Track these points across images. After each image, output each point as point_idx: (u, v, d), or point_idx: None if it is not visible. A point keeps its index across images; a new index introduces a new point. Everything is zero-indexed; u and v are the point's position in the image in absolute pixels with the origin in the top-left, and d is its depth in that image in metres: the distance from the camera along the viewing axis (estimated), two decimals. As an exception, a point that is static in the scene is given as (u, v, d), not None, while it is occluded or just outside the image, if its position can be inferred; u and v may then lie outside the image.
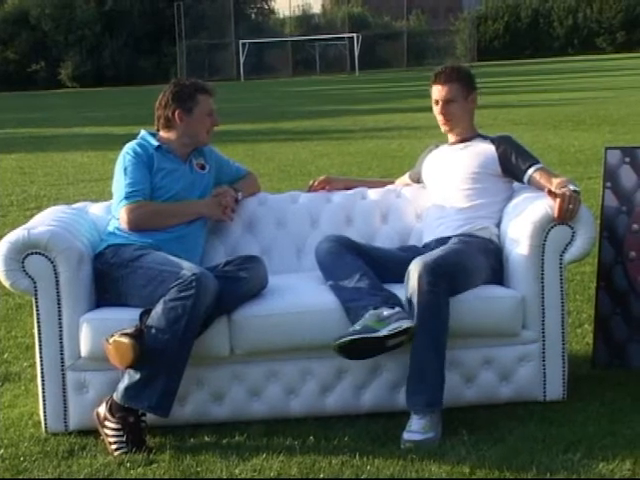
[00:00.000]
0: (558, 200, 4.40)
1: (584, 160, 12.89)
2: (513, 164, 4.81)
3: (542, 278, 4.47)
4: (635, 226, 4.97)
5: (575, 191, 4.45)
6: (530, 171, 4.76)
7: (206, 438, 4.28)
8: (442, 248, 4.54)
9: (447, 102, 4.88)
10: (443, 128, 4.98)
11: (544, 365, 4.51)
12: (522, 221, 4.53)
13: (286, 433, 4.28)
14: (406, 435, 4.12)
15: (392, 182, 5.43)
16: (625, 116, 19.22)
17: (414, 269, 4.27)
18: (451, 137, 5.02)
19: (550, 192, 4.47)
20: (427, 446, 4.04)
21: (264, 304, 4.41)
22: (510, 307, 4.43)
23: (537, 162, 4.80)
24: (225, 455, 4.08)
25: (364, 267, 4.48)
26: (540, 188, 4.69)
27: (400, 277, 4.50)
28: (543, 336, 4.49)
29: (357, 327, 4.17)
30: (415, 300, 4.22)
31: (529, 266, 4.48)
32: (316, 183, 5.33)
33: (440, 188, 4.94)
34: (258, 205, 5.16)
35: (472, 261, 4.50)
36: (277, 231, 5.12)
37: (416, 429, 4.12)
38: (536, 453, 3.95)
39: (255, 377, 4.41)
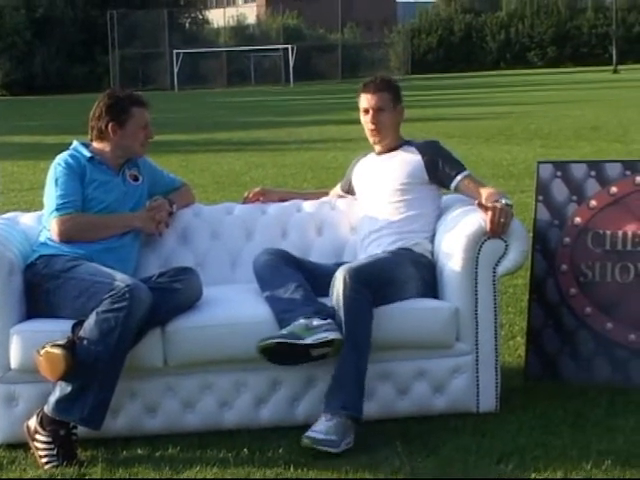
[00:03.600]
0: (490, 213, 4.45)
1: (517, 173, 13.04)
2: (440, 170, 4.85)
3: (475, 291, 4.52)
4: (567, 239, 5.04)
5: (507, 204, 4.51)
6: (458, 178, 4.81)
7: (139, 451, 4.25)
8: (367, 257, 4.61)
9: (377, 110, 4.91)
10: (372, 139, 4.99)
11: (477, 377, 4.55)
12: (456, 234, 4.58)
13: (220, 445, 4.27)
14: (307, 433, 4.13)
15: (327, 194, 5.45)
16: (556, 130, 19.50)
17: (339, 277, 4.32)
18: (378, 147, 5.04)
19: (481, 205, 4.53)
20: (325, 446, 4.05)
21: (198, 316, 4.40)
22: (444, 319, 4.47)
23: (464, 169, 4.85)
24: (158, 468, 4.06)
25: (300, 279, 4.50)
26: (468, 196, 4.76)
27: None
28: (476, 348, 4.54)
29: (284, 332, 4.20)
30: (338, 305, 4.28)
31: (463, 279, 4.52)
32: (251, 195, 5.33)
33: (371, 201, 4.97)
34: (193, 216, 5.15)
35: (400, 271, 4.54)
36: (211, 242, 5.10)
37: (319, 429, 4.12)
38: (469, 464, 3.98)
39: (189, 389, 4.39)
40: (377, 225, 4.87)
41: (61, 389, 4.12)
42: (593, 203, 5.04)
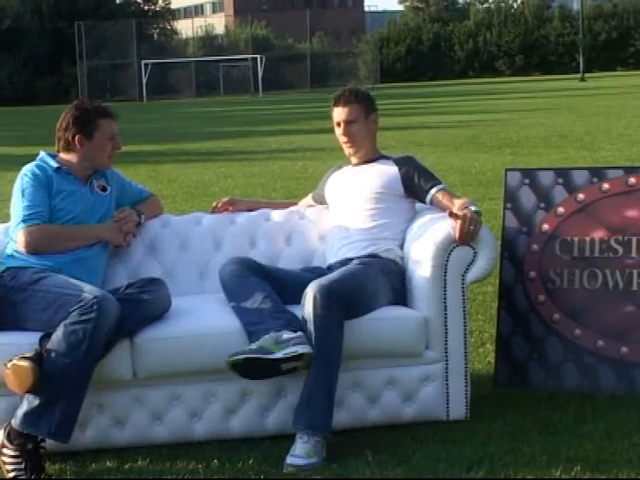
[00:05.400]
0: (459, 221, 4.47)
1: (485, 181, 13.09)
2: (415, 184, 4.87)
3: (445, 298, 4.52)
4: (535, 246, 5.07)
5: (476, 212, 4.52)
6: (432, 191, 4.82)
7: (108, 463, 4.22)
8: (341, 271, 4.56)
9: (349, 123, 4.93)
10: (347, 151, 5.02)
11: (447, 385, 4.55)
12: (425, 242, 4.59)
13: (189, 457, 4.24)
14: (289, 459, 4.10)
15: (295, 204, 5.45)
16: (524, 138, 19.59)
17: (309, 293, 4.30)
18: (354, 159, 5.05)
19: (451, 214, 4.54)
20: (309, 470, 4.04)
21: (167, 327, 4.38)
22: (413, 328, 4.47)
23: (439, 183, 4.87)
24: (127, 481, 4.03)
25: (268, 289, 4.48)
26: (442, 208, 4.76)
27: (304, 299, 4.52)
28: (446, 356, 4.54)
29: (253, 346, 4.18)
30: (308, 323, 4.26)
31: (432, 287, 4.53)
32: (219, 205, 5.32)
33: (343, 208, 4.97)
34: (161, 227, 5.13)
35: (372, 283, 4.52)
36: (180, 253, 5.08)
37: (299, 453, 4.10)
38: (439, 473, 3.98)
39: (157, 401, 4.37)
40: (349, 231, 4.87)
41: (29, 402, 4.08)
42: (560, 210, 5.07)
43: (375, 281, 4.55)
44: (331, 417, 4.24)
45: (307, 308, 4.28)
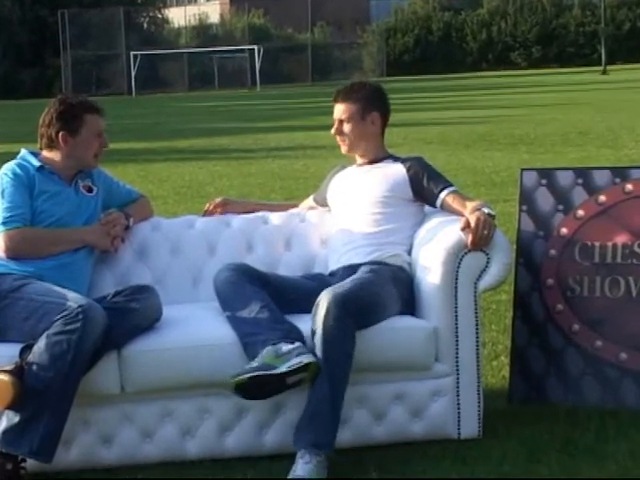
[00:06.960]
0: (472, 225, 4.46)
1: (499, 182, 13.10)
2: (425, 187, 4.87)
3: (455, 307, 4.53)
4: (552, 251, 5.07)
5: (490, 215, 4.53)
6: (443, 195, 4.82)
7: (94, 485, 4.23)
8: (352, 280, 4.55)
9: (341, 122, 4.95)
10: (342, 148, 5.03)
11: (458, 400, 4.56)
12: (434, 247, 4.59)
13: (182, 477, 4.25)
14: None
15: (296, 206, 5.45)
16: (542, 135, 19.60)
17: (323, 302, 4.29)
18: (359, 158, 5.06)
19: (464, 228, 4.53)
20: None
21: (157, 338, 4.38)
22: (422, 339, 4.47)
23: (450, 185, 4.87)
24: (115, 503, 4.04)
25: (265, 298, 4.48)
26: (453, 212, 4.76)
27: (305, 307, 4.52)
28: (457, 369, 4.55)
29: (255, 364, 4.17)
30: (320, 334, 4.25)
31: (442, 295, 4.53)
32: (211, 207, 5.31)
33: (347, 212, 4.97)
34: (151, 230, 5.13)
35: (382, 293, 4.53)
36: (171, 258, 5.09)
37: (301, 474, 4.10)
38: (450, 494, 3.99)
39: (148, 417, 4.38)
40: (353, 235, 4.87)
41: (8, 419, 4.08)
42: (580, 213, 5.07)
43: (386, 290, 4.55)
44: (336, 435, 4.24)
45: (318, 317, 4.27)
